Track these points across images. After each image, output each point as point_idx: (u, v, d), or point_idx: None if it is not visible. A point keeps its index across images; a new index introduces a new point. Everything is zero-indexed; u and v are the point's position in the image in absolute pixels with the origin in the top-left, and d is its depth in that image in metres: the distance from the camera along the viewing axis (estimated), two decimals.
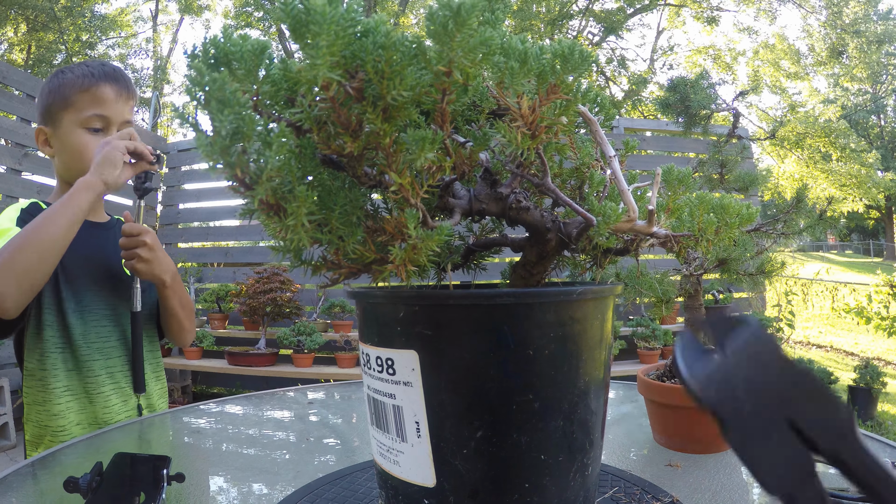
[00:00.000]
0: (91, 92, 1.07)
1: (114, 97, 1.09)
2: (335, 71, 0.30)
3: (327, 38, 0.28)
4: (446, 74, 0.31)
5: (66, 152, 1.10)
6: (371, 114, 0.32)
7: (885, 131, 23.53)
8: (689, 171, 0.54)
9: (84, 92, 1.07)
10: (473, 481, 0.42)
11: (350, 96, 0.32)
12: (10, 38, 12.23)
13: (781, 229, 1.22)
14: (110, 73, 1.10)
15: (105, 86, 1.08)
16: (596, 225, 0.45)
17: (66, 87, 1.07)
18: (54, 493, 0.71)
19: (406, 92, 0.31)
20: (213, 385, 4.58)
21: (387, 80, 0.31)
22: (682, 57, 16.73)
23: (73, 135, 1.08)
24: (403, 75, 0.31)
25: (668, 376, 0.82)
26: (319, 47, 0.28)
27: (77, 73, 1.08)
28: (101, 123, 1.09)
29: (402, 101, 0.32)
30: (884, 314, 6.28)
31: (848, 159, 12.18)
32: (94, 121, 1.08)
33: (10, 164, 3.40)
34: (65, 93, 1.07)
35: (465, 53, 0.30)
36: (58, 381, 1.05)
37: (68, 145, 1.09)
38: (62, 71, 1.12)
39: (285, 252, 0.36)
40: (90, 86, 1.07)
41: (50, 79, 1.11)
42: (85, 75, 1.08)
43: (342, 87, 0.31)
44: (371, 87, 0.31)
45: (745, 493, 0.66)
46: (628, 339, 3.74)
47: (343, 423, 1.03)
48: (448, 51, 0.30)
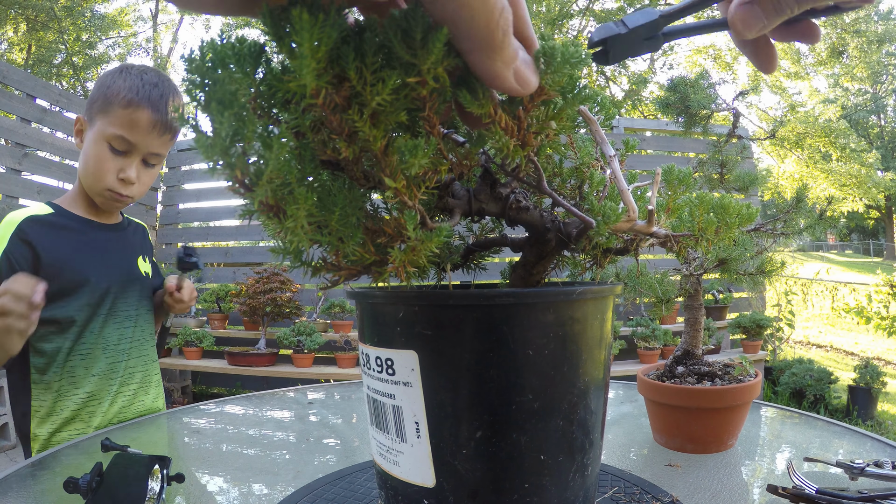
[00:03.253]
0: (128, 112, 1.04)
1: (147, 126, 1.05)
2: (323, 79, 0.30)
3: (310, 46, 0.28)
4: (421, 84, 0.31)
5: (85, 157, 1.09)
6: (359, 121, 0.32)
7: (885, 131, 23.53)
8: (689, 170, 0.54)
9: (123, 108, 1.04)
10: (473, 481, 0.42)
11: (335, 103, 0.32)
12: (10, 38, 12.22)
13: (781, 229, 1.22)
14: (155, 100, 1.05)
15: (143, 111, 1.04)
16: (594, 227, 0.45)
17: (112, 93, 1.04)
18: (54, 493, 0.71)
19: (389, 97, 0.31)
20: (213, 385, 4.59)
21: (369, 86, 0.31)
22: (682, 57, 16.72)
23: (96, 144, 1.06)
24: (385, 80, 0.31)
25: (667, 376, 0.82)
26: (304, 56, 0.28)
27: (129, 82, 1.05)
28: (125, 147, 1.06)
29: (387, 106, 0.32)
30: (884, 314, 6.28)
31: (848, 159, 12.18)
32: (118, 141, 1.05)
33: (10, 164, 3.40)
34: (109, 97, 1.05)
35: (435, 64, 0.30)
36: (78, 388, 1.06)
37: (89, 151, 1.07)
38: (123, 70, 1.08)
39: (285, 253, 0.36)
40: (129, 104, 1.04)
41: (112, 72, 1.09)
42: (132, 89, 1.04)
43: (329, 95, 0.31)
44: (355, 94, 0.31)
45: (744, 493, 0.66)
46: (628, 339, 3.74)
47: (343, 423, 1.03)
48: (419, 62, 0.30)
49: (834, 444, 0.84)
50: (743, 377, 0.79)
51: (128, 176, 1.07)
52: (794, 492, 0.56)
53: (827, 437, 0.87)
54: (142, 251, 1.26)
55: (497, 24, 0.28)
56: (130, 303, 1.16)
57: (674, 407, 0.79)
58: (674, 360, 0.84)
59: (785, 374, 3.98)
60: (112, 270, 1.14)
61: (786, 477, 0.64)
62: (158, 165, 1.14)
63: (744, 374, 0.80)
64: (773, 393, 4.02)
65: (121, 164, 1.07)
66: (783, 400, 3.91)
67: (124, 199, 1.11)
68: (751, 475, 0.72)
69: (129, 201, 1.13)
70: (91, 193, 1.12)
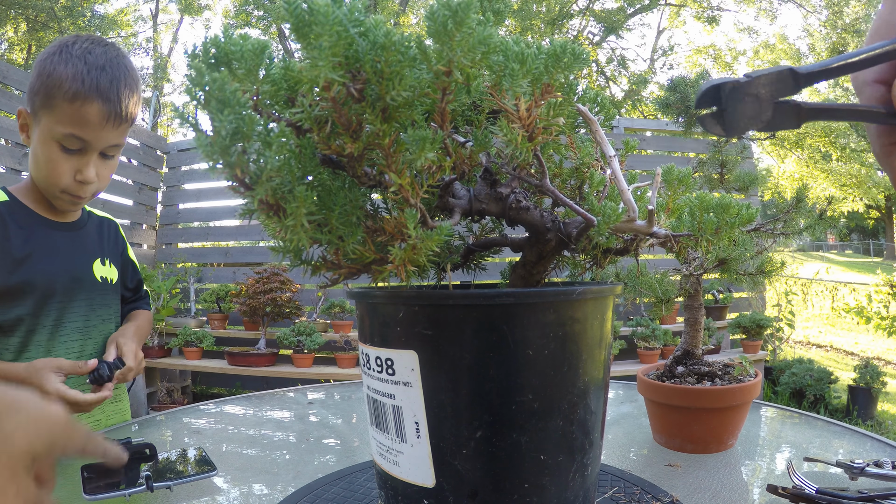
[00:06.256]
0: (75, 107, 0.89)
1: (98, 120, 0.90)
2: (337, 71, 0.30)
3: (329, 39, 0.28)
4: (446, 74, 0.31)
5: (35, 157, 0.96)
6: (370, 114, 0.32)
7: None
8: (689, 171, 0.54)
9: (68, 103, 0.89)
10: (473, 481, 0.42)
11: (351, 96, 0.32)
12: (10, 38, 12.23)
13: (781, 229, 1.22)
14: (105, 88, 0.90)
15: (92, 105, 0.89)
16: (596, 225, 0.45)
17: (54, 85, 0.89)
18: (54, 492, 0.71)
19: (405, 92, 0.31)
20: (213, 385, 4.58)
21: (386, 80, 0.31)
22: (683, 57, 16.75)
23: (45, 144, 0.92)
24: (402, 76, 0.31)
25: (667, 376, 0.82)
26: (322, 48, 0.28)
27: (72, 68, 0.89)
28: (78, 145, 0.92)
29: (401, 101, 0.32)
30: (884, 314, 6.28)
31: (848, 159, 12.18)
32: (69, 140, 0.91)
33: (9, 164, 3.40)
34: (50, 90, 0.89)
35: (465, 52, 0.30)
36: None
37: (38, 152, 0.94)
38: (63, 50, 0.91)
39: (285, 252, 0.36)
40: (75, 98, 0.88)
41: (51, 53, 0.92)
42: (76, 78, 0.88)
43: (343, 88, 0.31)
44: (370, 88, 0.31)
45: (744, 493, 0.66)
46: (628, 339, 3.74)
47: (343, 423, 1.03)
48: (448, 50, 0.30)
49: (834, 444, 0.84)
50: (743, 377, 0.79)
51: (86, 177, 0.94)
52: (794, 492, 0.56)
53: (827, 437, 0.87)
54: (103, 252, 1.11)
55: None
56: (79, 312, 1.04)
57: (674, 407, 0.79)
58: (674, 360, 0.84)
59: (785, 374, 3.98)
60: (58, 275, 1.01)
61: (786, 477, 0.64)
62: (118, 155, 1.00)
63: (744, 374, 0.80)
64: (773, 393, 4.02)
65: (76, 163, 0.94)
66: (783, 400, 3.91)
67: (83, 199, 1.00)
68: (751, 475, 0.72)
69: (89, 200, 1.02)
70: (46, 195, 1.00)
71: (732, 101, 0.27)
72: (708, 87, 0.28)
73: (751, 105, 0.27)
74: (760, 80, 0.27)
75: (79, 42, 0.93)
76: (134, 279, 1.22)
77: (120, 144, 0.98)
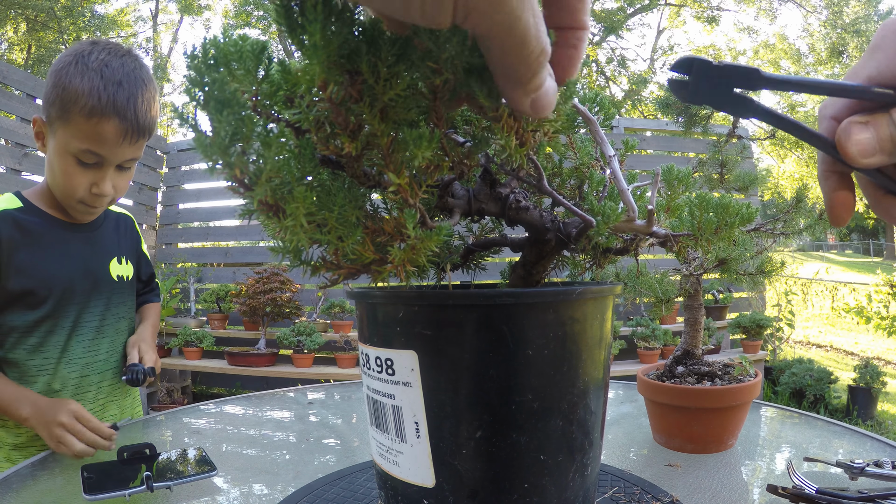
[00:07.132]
0: (91, 123, 0.89)
1: (115, 137, 0.91)
2: (333, 71, 0.30)
3: (323, 37, 0.28)
4: (436, 73, 0.31)
5: (51, 167, 0.97)
6: (368, 115, 0.32)
7: None
8: (688, 170, 0.54)
9: (84, 119, 0.89)
10: (473, 481, 0.42)
11: (349, 96, 0.32)
12: (10, 38, 12.23)
13: (781, 229, 1.22)
14: (122, 105, 0.90)
15: (109, 122, 0.89)
16: (594, 226, 0.45)
17: (70, 99, 0.89)
18: (54, 493, 0.71)
19: (402, 92, 0.31)
20: (213, 385, 4.58)
21: (382, 80, 0.31)
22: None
23: (61, 157, 0.93)
24: (400, 75, 0.31)
25: (667, 376, 0.82)
26: (316, 47, 0.28)
27: (88, 83, 0.89)
28: (95, 160, 0.93)
29: (399, 101, 0.32)
30: (884, 314, 6.28)
31: None
32: (86, 155, 0.92)
33: (10, 164, 3.40)
34: (66, 104, 0.89)
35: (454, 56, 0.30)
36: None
37: (55, 164, 0.95)
38: (79, 61, 0.90)
39: (285, 252, 0.36)
40: (92, 114, 0.89)
41: (66, 63, 0.91)
42: (92, 94, 0.88)
43: (340, 88, 0.31)
44: (368, 88, 0.31)
45: (744, 493, 0.66)
46: (628, 339, 3.74)
47: (343, 423, 1.03)
48: (436, 49, 0.30)
49: (834, 444, 0.84)
50: (743, 377, 0.79)
51: (102, 190, 0.96)
52: (794, 492, 0.56)
53: (827, 437, 0.87)
54: (119, 251, 1.13)
55: (529, 65, 0.27)
56: (96, 313, 1.06)
57: (674, 407, 0.79)
58: (674, 360, 0.84)
59: (785, 374, 3.98)
60: (76, 278, 1.03)
61: (786, 477, 0.64)
62: (134, 166, 1.02)
63: (744, 374, 0.80)
64: (773, 393, 4.02)
65: (92, 177, 0.95)
66: (783, 400, 3.92)
67: (99, 209, 1.02)
68: (751, 475, 0.72)
69: (106, 208, 1.04)
70: (63, 204, 1.01)
71: (697, 76, 0.32)
72: (683, 59, 0.32)
73: (711, 84, 0.32)
74: (727, 69, 0.32)
75: (95, 52, 0.92)
76: (147, 272, 1.25)
77: (137, 158, 0.99)
